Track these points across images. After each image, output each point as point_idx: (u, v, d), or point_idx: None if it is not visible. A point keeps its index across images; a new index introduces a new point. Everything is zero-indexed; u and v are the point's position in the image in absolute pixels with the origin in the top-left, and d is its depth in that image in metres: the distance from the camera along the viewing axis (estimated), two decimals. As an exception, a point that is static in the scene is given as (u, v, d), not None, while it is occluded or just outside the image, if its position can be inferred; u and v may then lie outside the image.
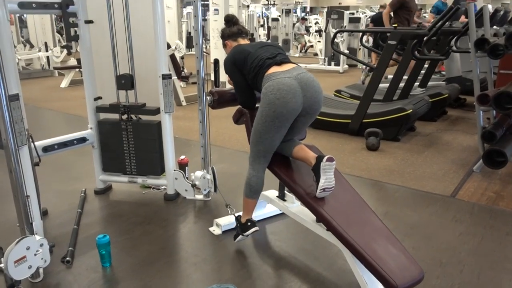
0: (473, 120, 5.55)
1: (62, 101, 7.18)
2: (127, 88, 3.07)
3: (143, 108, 3.12)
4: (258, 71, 2.34)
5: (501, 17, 6.01)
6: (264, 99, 2.25)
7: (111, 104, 3.15)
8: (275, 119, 2.23)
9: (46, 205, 2.99)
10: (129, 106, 3.11)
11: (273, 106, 2.20)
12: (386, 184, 3.57)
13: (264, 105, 2.25)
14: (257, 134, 2.33)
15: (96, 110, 3.17)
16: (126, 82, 3.05)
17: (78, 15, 2.92)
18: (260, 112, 2.29)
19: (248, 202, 2.49)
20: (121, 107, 3.10)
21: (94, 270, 2.33)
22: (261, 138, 2.32)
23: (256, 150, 2.39)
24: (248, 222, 2.47)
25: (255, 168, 2.42)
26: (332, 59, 10.99)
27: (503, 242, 2.62)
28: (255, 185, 2.42)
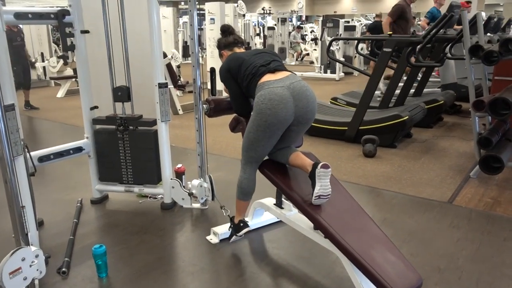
0: (469, 126, 5.57)
1: (58, 111, 7.17)
2: (124, 100, 3.07)
3: (139, 120, 3.12)
4: (252, 79, 2.35)
5: (495, 24, 6.07)
6: (256, 108, 2.27)
7: (107, 116, 3.15)
8: (266, 129, 2.27)
9: (42, 215, 2.96)
10: (125, 118, 3.11)
11: (264, 116, 2.23)
12: (383, 190, 3.57)
13: (255, 114, 2.29)
14: (249, 141, 2.40)
15: (92, 122, 3.17)
16: (123, 94, 3.05)
17: (74, 25, 2.93)
18: (252, 120, 2.32)
19: (240, 203, 2.60)
20: (118, 119, 3.10)
21: (90, 281, 2.31)
22: (252, 145, 2.39)
23: (247, 155, 2.46)
24: (240, 223, 2.59)
25: (246, 171, 2.50)
26: (328, 67, 11.05)
27: (501, 248, 2.61)
28: (246, 187, 2.51)
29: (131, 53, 3.05)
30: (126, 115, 3.13)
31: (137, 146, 3.14)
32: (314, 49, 13.24)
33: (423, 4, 22.65)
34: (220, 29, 2.74)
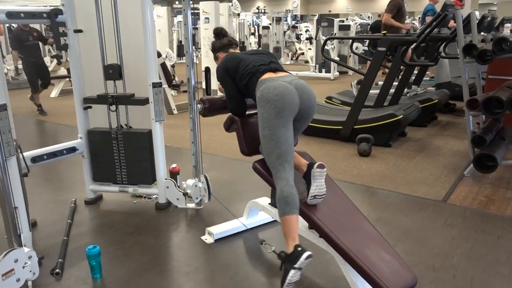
0: (463, 125, 5.60)
1: (52, 111, 7.12)
2: (115, 78, 3.01)
3: (131, 98, 3.07)
4: (251, 77, 2.34)
5: (488, 23, 6.09)
6: (262, 100, 2.20)
7: (99, 95, 3.11)
8: (278, 114, 2.15)
9: (35, 216, 2.94)
10: (117, 96, 3.06)
11: (273, 103, 2.15)
12: (378, 189, 3.58)
13: (262, 106, 2.20)
14: (267, 138, 2.18)
15: (83, 101, 3.12)
16: (114, 72, 3.00)
17: (67, 24, 2.91)
18: (260, 115, 2.22)
19: (288, 220, 2.08)
20: (109, 98, 3.06)
21: (84, 282, 2.29)
22: (272, 140, 2.16)
23: (274, 158, 2.17)
24: (297, 248, 2.00)
25: (282, 178, 2.15)
26: (323, 66, 11.06)
27: (495, 246, 2.62)
28: (289, 195, 2.09)
29: (124, 53, 3.03)
30: (118, 93, 3.07)
31: (131, 146, 3.13)
32: (309, 48, 13.24)
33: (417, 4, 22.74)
34: (213, 32, 2.74)
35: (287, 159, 2.17)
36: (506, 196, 3.40)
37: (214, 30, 2.74)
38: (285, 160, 2.17)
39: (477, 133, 3.68)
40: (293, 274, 1.95)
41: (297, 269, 1.95)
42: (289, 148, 2.19)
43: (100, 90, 3.12)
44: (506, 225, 2.90)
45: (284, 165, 2.17)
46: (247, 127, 2.54)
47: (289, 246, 2.03)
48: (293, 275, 1.95)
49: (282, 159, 2.16)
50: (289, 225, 2.08)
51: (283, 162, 2.17)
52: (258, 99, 2.25)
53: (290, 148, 2.20)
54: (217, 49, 2.68)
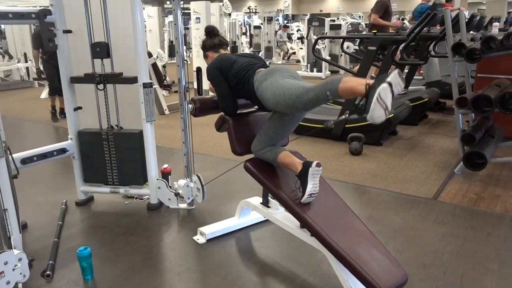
0: (453, 123, 5.63)
1: (42, 112, 7.05)
2: (103, 56, 2.95)
3: (120, 77, 3.01)
4: (247, 72, 2.38)
5: (477, 22, 6.15)
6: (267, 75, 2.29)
7: (86, 74, 3.04)
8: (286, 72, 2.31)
9: (25, 218, 2.92)
10: (105, 75, 3.00)
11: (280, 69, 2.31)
12: (370, 188, 3.60)
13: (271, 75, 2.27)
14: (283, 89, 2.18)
15: (70, 80, 3.05)
16: (101, 50, 2.93)
17: (56, 25, 2.89)
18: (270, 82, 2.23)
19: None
20: (97, 76, 3.00)
21: (75, 283, 2.28)
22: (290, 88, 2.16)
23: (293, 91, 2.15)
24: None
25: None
26: (315, 66, 11.09)
27: (485, 243, 2.65)
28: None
29: (114, 53, 3.01)
30: (106, 72, 3.01)
31: (122, 146, 3.11)
32: (300, 48, 13.28)
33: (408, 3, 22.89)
34: (205, 30, 2.74)
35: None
36: (495, 193, 3.43)
37: (206, 28, 2.74)
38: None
39: (467, 131, 3.72)
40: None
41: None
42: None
43: (91, 92, 3.10)
44: (496, 222, 2.94)
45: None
46: (238, 127, 2.55)
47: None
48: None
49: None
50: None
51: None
52: (261, 77, 2.30)
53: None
54: (207, 47, 2.69)
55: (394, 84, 1.85)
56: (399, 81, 1.86)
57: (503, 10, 15.65)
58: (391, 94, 1.85)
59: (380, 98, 1.84)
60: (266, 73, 2.31)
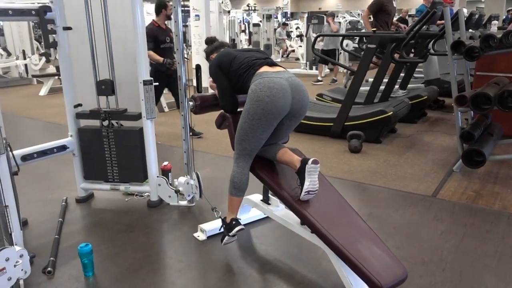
0: (452, 121, 5.66)
1: (41, 109, 7.06)
2: (108, 94, 3.04)
3: (124, 114, 3.09)
4: (247, 70, 2.35)
5: (476, 20, 6.16)
6: (253, 95, 2.21)
7: (91, 110, 3.11)
8: (263, 117, 2.21)
9: (26, 215, 2.92)
10: (110, 112, 3.07)
11: (261, 104, 2.18)
12: (369, 185, 3.61)
13: (252, 101, 2.21)
14: (243, 132, 2.30)
15: (76, 116, 3.13)
16: (107, 88, 3.01)
17: (56, 21, 2.88)
18: (247, 109, 2.25)
19: (232, 200, 2.46)
20: (102, 113, 3.07)
21: (76, 280, 2.29)
22: (247, 136, 2.29)
23: (241, 148, 2.36)
24: (232, 221, 2.44)
25: (239, 165, 2.40)
26: (314, 64, 11.08)
27: (484, 240, 2.67)
28: (239, 181, 2.39)
29: (114, 50, 3.01)
30: (111, 108, 3.08)
31: (122, 143, 3.12)
32: (299, 45, 13.28)
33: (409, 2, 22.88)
34: (205, 41, 2.88)
35: (251, 154, 2.40)
36: (494, 190, 3.45)
37: (206, 39, 2.88)
38: (249, 154, 2.39)
39: (466, 129, 3.73)
40: (227, 239, 2.46)
41: (230, 236, 2.44)
42: (258, 146, 2.38)
43: (91, 88, 3.10)
44: (494, 219, 2.95)
45: (246, 157, 2.40)
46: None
47: (229, 217, 2.48)
48: (227, 240, 2.47)
49: (247, 152, 2.38)
50: (233, 204, 2.47)
51: (246, 155, 2.39)
52: (250, 91, 2.25)
53: (259, 146, 2.39)
54: (209, 52, 2.75)
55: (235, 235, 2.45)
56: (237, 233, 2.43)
57: (501, 9, 15.65)
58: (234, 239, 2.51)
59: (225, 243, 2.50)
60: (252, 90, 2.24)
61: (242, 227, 2.43)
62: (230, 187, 2.44)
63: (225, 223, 2.49)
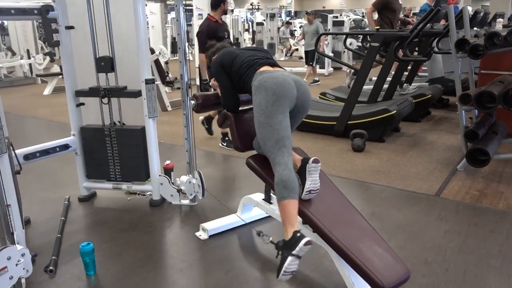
0: (456, 120, 5.61)
1: (45, 108, 7.08)
2: (107, 70, 2.98)
3: (124, 91, 3.04)
4: (249, 69, 2.35)
5: (481, 18, 6.12)
6: (260, 88, 2.20)
7: (91, 88, 3.08)
8: (277, 102, 2.13)
9: (28, 214, 2.93)
10: (109, 89, 3.04)
11: (270, 90, 2.15)
12: (372, 184, 3.59)
13: (260, 93, 2.18)
14: (264, 126, 2.15)
15: (75, 94, 3.09)
16: (106, 64, 2.97)
17: (58, 21, 2.88)
18: (257, 104, 2.20)
19: (286, 206, 2.02)
20: (102, 90, 3.03)
21: (78, 279, 2.29)
22: (270, 126, 2.12)
23: (272, 143, 2.13)
24: (296, 234, 1.91)
25: (280, 163, 2.09)
26: (317, 62, 11.04)
27: (487, 240, 2.65)
28: (287, 179, 2.03)
29: (117, 49, 3.01)
30: (110, 86, 3.05)
31: (124, 142, 3.12)
32: (302, 44, 13.22)
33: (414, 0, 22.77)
34: (206, 47, 2.92)
35: (285, 144, 2.13)
36: (498, 190, 3.42)
37: (206, 45, 2.92)
38: (283, 145, 2.12)
39: (470, 127, 3.70)
40: (290, 262, 1.86)
41: (295, 256, 1.86)
42: (287, 134, 2.15)
43: (92, 83, 3.10)
44: (498, 218, 2.93)
45: (283, 150, 2.12)
46: (240, 123, 2.54)
47: (288, 232, 1.95)
48: (290, 263, 1.86)
49: (281, 144, 2.12)
50: (287, 210, 2.01)
51: (282, 147, 2.12)
52: (255, 88, 2.24)
53: (288, 133, 2.16)
54: (211, 55, 2.75)
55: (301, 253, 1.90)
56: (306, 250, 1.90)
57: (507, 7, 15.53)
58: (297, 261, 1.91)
59: (284, 272, 1.90)
60: (258, 83, 2.22)
61: (310, 239, 1.89)
62: (280, 190, 2.03)
63: (283, 243, 1.96)
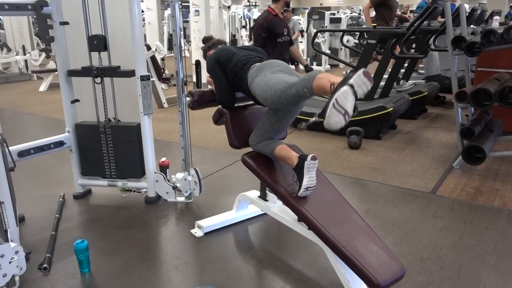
0: (452, 117, 5.62)
1: (40, 105, 7.04)
2: (100, 49, 2.93)
3: (117, 71, 3.00)
4: (243, 66, 2.36)
5: (478, 16, 6.11)
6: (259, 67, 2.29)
7: (83, 67, 3.02)
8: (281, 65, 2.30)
9: (23, 211, 2.92)
10: (102, 68, 2.98)
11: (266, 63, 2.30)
12: (368, 182, 3.59)
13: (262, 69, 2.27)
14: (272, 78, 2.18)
15: (67, 73, 3.04)
16: (99, 43, 2.90)
17: (53, 16, 2.86)
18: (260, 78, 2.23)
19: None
20: (94, 70, 2.98)
21: (72, 276, 2.28)
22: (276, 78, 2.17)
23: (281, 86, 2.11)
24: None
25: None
26: (314, 59, 11.04)
27: (483, 237, 2.65)
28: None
29: (112, 46, 2.99)
30: (103, 65, 2.99)
31: (119, 139, 3.10)
32: (300, 41, 13.21)
33: (409, -3, 22.73)
34: (202, 40, 2.89)
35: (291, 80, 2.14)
36: (494, 187, 3.43)
37: (203, 38, 2.91)
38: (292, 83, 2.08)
39: (466, 125, 3.71)
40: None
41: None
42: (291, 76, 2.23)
43: (88, 84, 3.08)
44: (494, 216, 2.93)
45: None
46: (236, 120, 2.54)
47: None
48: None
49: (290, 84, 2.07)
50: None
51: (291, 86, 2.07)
52: (250, 77, 2.29)
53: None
54: (207, 49, 2.78)
55: (357, 85, 1.76)
56: (364, 81, 1.76)
57: (504, 4, 15.54)
58: (353, 97, 1.76)
59: (337, 103, 1.76)
60: (258, 68, 2.29)
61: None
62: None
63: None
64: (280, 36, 3.89)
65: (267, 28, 3.90)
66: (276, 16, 4.00)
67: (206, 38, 2.87)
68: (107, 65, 2.99)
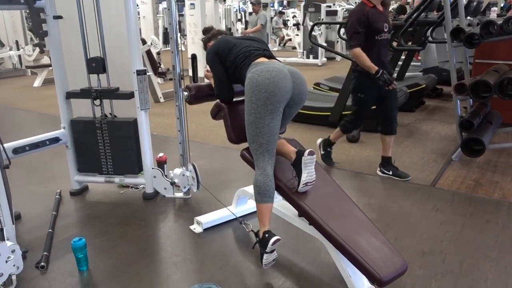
0: (451, 109, 5.62)
1: (35, 101, 6.97)
2: (99, 72, 2.93)
3: (116, 92, 2.99)
4: (244, 60, 2.30)
5: (475, 7, 6.08)
6: (251, 83, 2.13)
7: (82, 89, 3.01)
8: (267, 101, 2.09)
9: (19, 208, 2.88)
10: (101, 90, 2.98)
11: (263, 87, 2.09)
12: (367, 175, 3.57)
13: (252, 89, 2.12)
14: (252, 125, 2.15)
15: (66, 96, 3.03)
16: (97, 66, 2.91)
17: (46, 10, 2.81)
18: (248, 100, 2.15)
19: (260, 208, 2.21)
20: (93, 92, 2.97)
21: (70, 275, 2.25)
22: (257, 128, 2.13)
23: (256, 145, 2.17)
24: (265, 234, 2.14)
25: (259, 166, 2.19)
26: (311, 52, 11.00)
27: (483, 230, 2.64)
28: (262, 185, 2.16)
29: (106, 39, 2.94)
30: (102, 87, 2.99)
31: (116, 135, 3.06)
32: (296, 34, 13.13)
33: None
34: (202, 31, 2.83)
35: (268, 149, 2.17)
36: (493, 179, 3.42)
37: (203, 29, 2.83)
38: (266, 150, 2.17)
39: (465, 117, 3.69)
40: (266, 257, 2.13)
41: (269, 253, 2.12)
42: (272, 138, 2.16)
43: (83, 78, 3.03)
44: (494, 208, 2.92)
45: (264, 154, 2.18)
46: (234, 115, 2.50)
47: (260, 231, 2.19)
48: (266, 258, 2.13)
49: (263, 149, 2.17)
50: (260, 212, 2.21)
51: (264, 152, 2.18)
52: (247, 81, 2.18)
53: (274, 138, 2.17)
54: (207, 40, 2.71)
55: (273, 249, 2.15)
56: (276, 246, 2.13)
57: (500, -4, 15.53)
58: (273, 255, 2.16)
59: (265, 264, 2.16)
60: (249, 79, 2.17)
61: (278, 238, 2.10)
62: (255, 194, 2.21)
63: (258, 238, 2.20)
64: (379, 33, 3.25)
65: (365, 23, 3.20)
66: (374, 8, 3.25)
67: (206, 29, 2.79)
68: (106, 86, 3.01)
